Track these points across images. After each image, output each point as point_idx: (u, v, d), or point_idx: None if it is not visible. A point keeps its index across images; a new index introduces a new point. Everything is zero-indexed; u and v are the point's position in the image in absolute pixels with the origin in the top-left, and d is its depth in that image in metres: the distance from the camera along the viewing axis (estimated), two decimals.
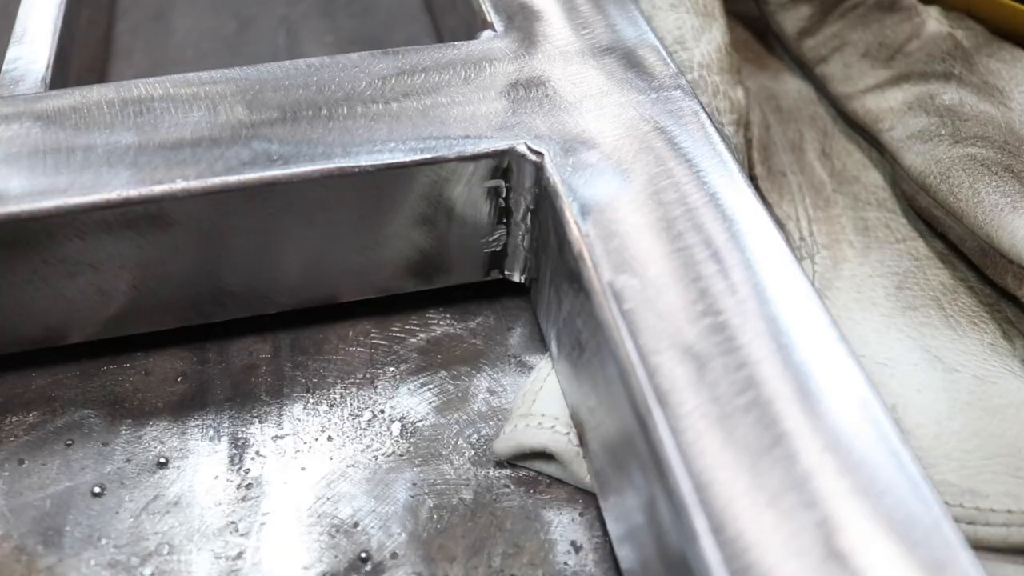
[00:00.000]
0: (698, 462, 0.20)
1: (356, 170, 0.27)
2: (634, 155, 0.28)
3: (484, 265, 0.31)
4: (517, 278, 0.31)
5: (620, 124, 0.29)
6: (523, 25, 0.32)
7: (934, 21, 0.39)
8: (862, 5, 0.39)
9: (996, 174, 0.32)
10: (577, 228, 0.25)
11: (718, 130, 0.29)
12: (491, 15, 0.32)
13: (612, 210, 0.26)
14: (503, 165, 0.28)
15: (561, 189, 0.26)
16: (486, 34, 0.32)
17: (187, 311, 0.29)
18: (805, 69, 0.41)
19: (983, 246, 0.32)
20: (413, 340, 0.31)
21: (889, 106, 0.37)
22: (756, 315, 0.23)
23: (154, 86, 0.29)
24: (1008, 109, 0.34)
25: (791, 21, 0.40)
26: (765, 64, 0.42)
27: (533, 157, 0.28)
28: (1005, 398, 0.29)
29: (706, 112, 0.30)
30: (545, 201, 0.27)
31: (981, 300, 0.32)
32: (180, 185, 0.26)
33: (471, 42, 0.31)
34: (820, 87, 0.40)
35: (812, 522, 0.19)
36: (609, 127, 0.28)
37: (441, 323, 0.32)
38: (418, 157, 0.27)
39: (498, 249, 0.30)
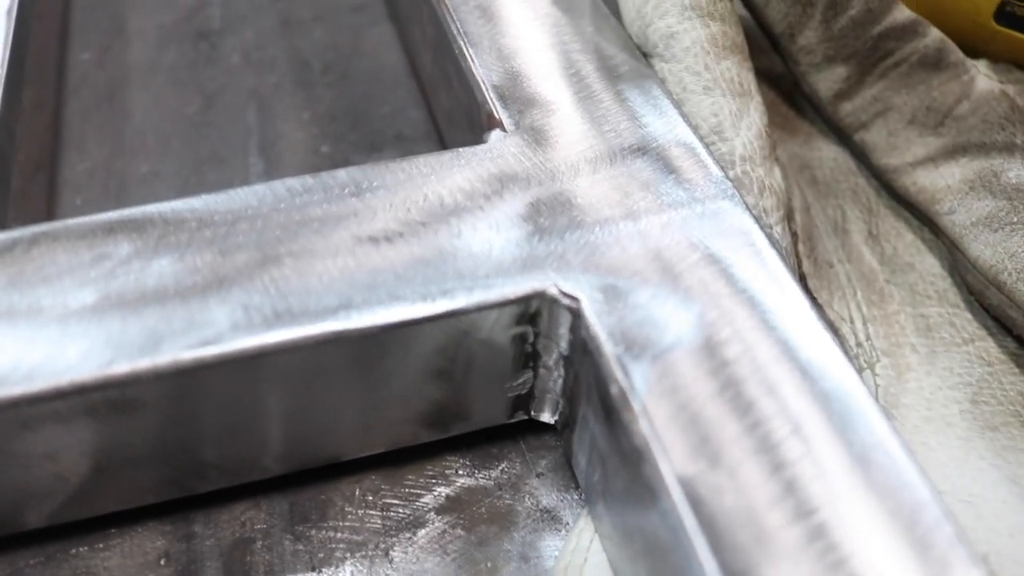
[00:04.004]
0: None
1: (356, 333, 0.22)
2: (687, 295, 0.23)
3: (508, 409, 0.26)
4: (547, 419, 0.27)
5: (666, 253, 0.24)
6: (536, 122, 0.28)
7: (984, 78, 0.35)
8: (905, 63, 0.35)
9: None
10: (633, 404, 0.21)
11: (773, 244, 0.25)
12: (498, 110, 0.28)
13: (670, 374, 0.22)
14: (530, 310, 0.23)
15: (606, 348, 0.22)
16: (495, 136, 0.27)
17: (164, 487, 0.25)
18: (842, 135, 0.36)
19: None
20: (430, 497, 0.27)
21: (946, 184, 0.33)
22: (852, 507, 0.19)
23: (110, 226, 0.24)
24: None
25: (825, 83, 0.35)
26: (795, 129, 0.38)
27: (567, 302, 0.23)
28: None
29: (758, 225, 0.25)
30: (585, 357, 0.23)
31: None
32: (146, 365, 0.21)
33: (478, 148, 0.27)
34: (860, 155, 0.36)
35: None
36: (654, 259, 0.24)
37: (460, 472, 0.28)
38: (429, 311, 0.23)
39: (524, 392, 0.26)
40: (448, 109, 0.33)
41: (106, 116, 0.37)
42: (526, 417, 0.27)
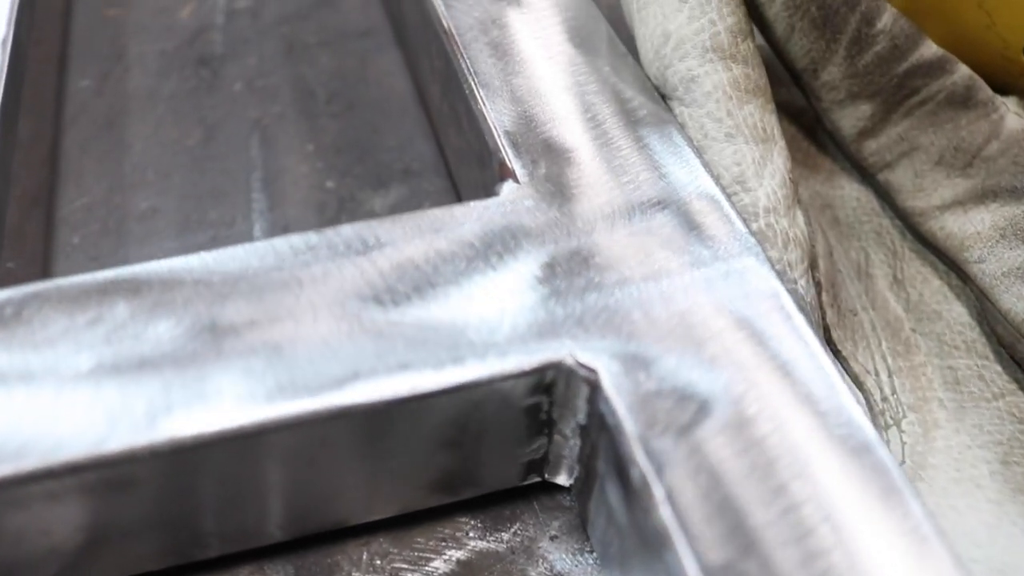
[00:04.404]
0: None
1: (363, 408, 0.21)
2: (712, 365, 0.22)
3: (521, 472, 0.25)
4: (563, 482, 0.25)
5: (690, 318, 0.23)
6: (552, 173, 0.26)
7: (1014, 116, 0.33)
8: (931, 100, 0.33)
9: None
10: (654, 491, 0.20)
11: (799, 305, 0.24)
12: (511, 159, 0.27)
13: (695, 454, 0.20)
14: (546, 381, 0.22)
15: (626, 426, 0.21)
16: (507, 188, 0.26)
17: (163, 555, 0.24)
18: (865, 174, 0.35)
19: None
20: (441, 562, 0.26)
21: (975, 231, 0.31)
22: None
23: (105, 287, 0.23)
24: None
25: (848, 120, 0.34)
26: (817, 166, 0.36)
27: (584, 373, 0.22)
28: None
29: (783, 284, 0.24)
30: (604, 432, 0.22)
31: None
32: (143, 442, 0.20)
33: (490, 202, 0.25)
34: (884, 195, 0.35)
35: None
36: (677, 324, 0.23)
37: (471, 534, 0.26)
38: (440, 383, 0.21)
39: (538, 457, 0.25)
40: (457, 147, 0.32)
41: (105, 148, 0.36)
42: (540, 479, 0.26)
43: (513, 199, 0.25)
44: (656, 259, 0.24)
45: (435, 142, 0.36)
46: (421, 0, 0.33)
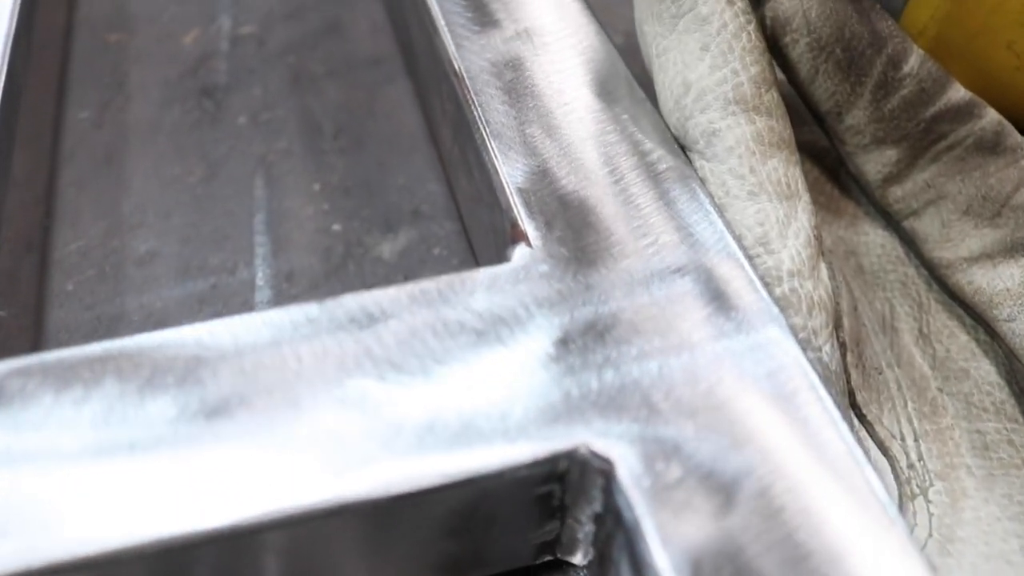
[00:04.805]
0: None
1: (364, 504, 0.20)
2: (737, 451, 0.21)
3: (533, 553, 0.24)
4: (578, 561, 0.24)
5: (712, 398, 0.22)
6: (567, 235, 0.25)
7: None
8: (959, 146, 0.32)
9: None
10: None
11: (826, 380, 0.23)
12: (523, 219, 0.25)
13: (718, 551, 0.19)
14: (558, 470, 0.21)
15: (644, 524, 0.20)
16: (520, 253, 0.25)
17: None
18: (890, 220, 0.34)
19: None
20: None
21: (1005, 287, 0.30)
22: None
23: (96, 361, 0.22)
24: None
25: (873, 165, 0.33)
26: (840, 210, 0.35)
27: (599, 464, 0.21)
28: None
29: (808, 357, 0.23)
30: (620, 526, 0.21)
31: None
32: (132, 542, 0.19)
33: (500, 270, 0.24)
34: (909, 242, 0.33)
35: None
36: (701, 407, 0.22)
37: None
38: (446, 476, 0.20)
39: (551, 539, 0.24)
40: (468, 194, 0.30)
41: (103, 185, 0.35)
42: (552, 558, 0.25)
43: (525, 265, 0.24)
44: (677, 331, 0.23)
45: (446, 182, 0.35)
46: (431, 37, 0.32)
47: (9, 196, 0.33)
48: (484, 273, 0.24)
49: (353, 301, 0.23)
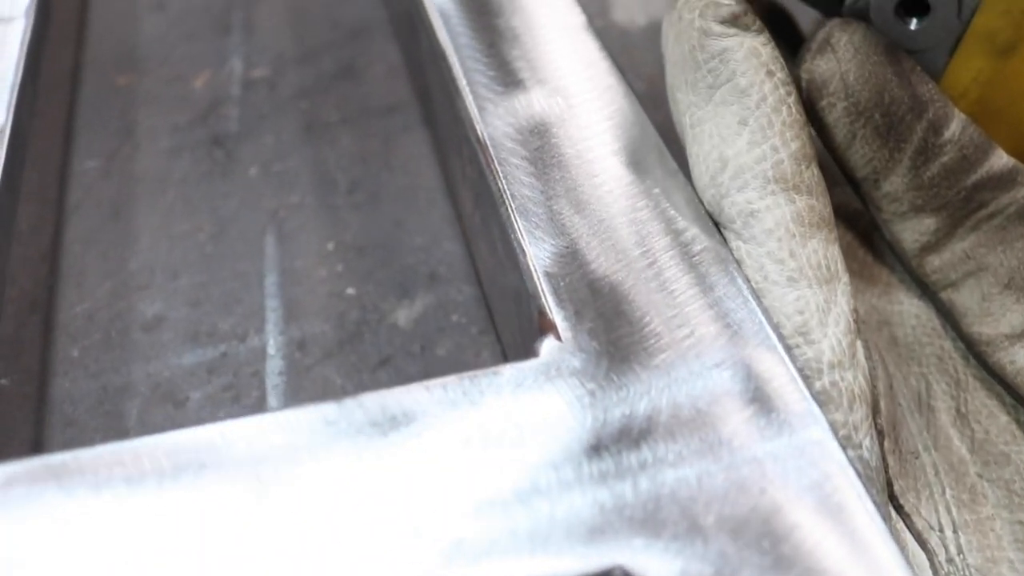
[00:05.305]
0: None
1: None
2: (782, 568, 0.20)
3: None
4: None
5: (757, 515, 0.21)
6: (597, 326, 0.24)
7: None
8: (1000, 214, 0.31)
9: None
10: None
11: (867, 483, 0.21)
12: (551, 307, 0.24)
13: None
14: None
15: None
16: (548, 346, 0.23)
17: None
18: (926, 290, 0.33)
19: None
20: None
21: None
22: None
23: (100, 464, 0.21)
24: None
25: (911, 234, 0.32)
26: (873, 277, 0.34)
27: None
28: None
29: (849, 453, 0.22)
30: None
31: None
32: None
33: (527, 366, 0.23)
34: (946, 314, 0.32)
35: None
36: (743, 525, 0.20)
37: None
38: None
39: None
40: (490, 265, 0.29)
41: (110, 241, 0.34)
42: None
43: (555, 361, 0.23)
44: (717, 435, 0.22)
45: (463, 241, 0.34)
46: (452, 97, 0.31)
47: (13, 252, 0.32)
48: (511, 370, 0.23)
49: (373, 401, 0.22)
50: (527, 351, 0.24)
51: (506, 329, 0.29)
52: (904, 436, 0.29)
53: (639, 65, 0.40)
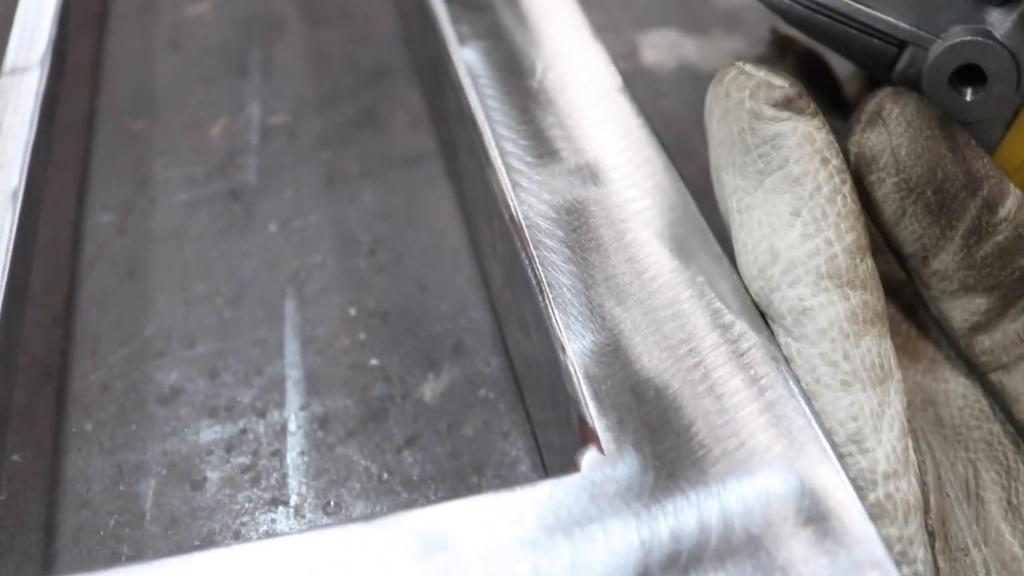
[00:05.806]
0: None
1: None
2: None
3: None
4: None
5: None
6: (641, 436, 0.23)
7: None
8: None
9: None
10: None
11: None
12: (592, 415, 0.23)
13: None
14: None
15: None
16: (590, 459, 0.22)
17: None
18: (974, 368, 0.31)
19: None
20: None
21: None
22: None
23: None
24: None
25: (960, 313, 0.30)
26: (917, 352, 0.32)
27: None
28: None
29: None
30: None
31: None
32: None
33: (568, 482, 0.22)
34: (996, 396, 0.31)
35: None
36: None
37: None
38: None
39: None
40: (524, 350, 0.28)
41: (124, 304, 0.33)
42: None
43: (597, 477, 0.22)
44: (772, 560, 0.21)
45: (489, 308, 0.33)
46: (483, 168, 0.30)
47: (26, 315, 0.31)
48: (551, 488, 0.21)
49: (408, 520, 0.21)
50: (566, 459, 0.23)
51: (537, 410, 0.28)
52: (953, 531, 0.28)
53: (669, 114, 0.38)
